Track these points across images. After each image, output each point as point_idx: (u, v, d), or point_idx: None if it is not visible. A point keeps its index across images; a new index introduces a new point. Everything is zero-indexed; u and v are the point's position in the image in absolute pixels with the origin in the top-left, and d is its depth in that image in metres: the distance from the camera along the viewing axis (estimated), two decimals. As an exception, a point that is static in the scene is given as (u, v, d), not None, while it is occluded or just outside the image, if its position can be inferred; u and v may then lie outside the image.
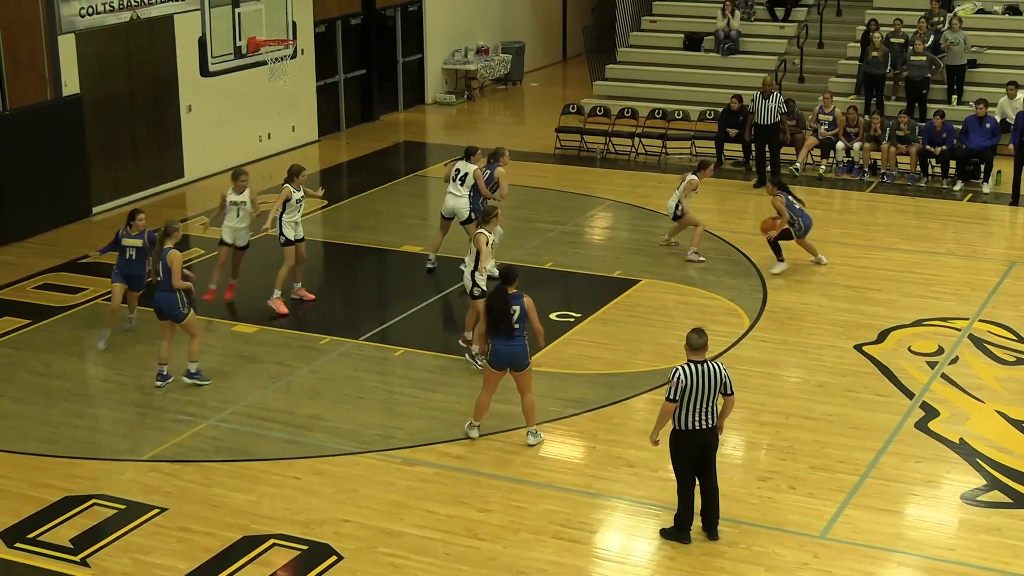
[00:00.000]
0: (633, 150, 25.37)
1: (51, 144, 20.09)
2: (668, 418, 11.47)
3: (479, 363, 14.60)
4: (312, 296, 17.53)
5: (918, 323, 16.79)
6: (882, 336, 16.34)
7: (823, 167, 23.79)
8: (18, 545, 11.77)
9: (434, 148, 27.00)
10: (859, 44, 26.95)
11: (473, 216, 17.40)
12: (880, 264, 19.03)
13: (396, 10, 29.50)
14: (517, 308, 13.20)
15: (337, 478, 12.91)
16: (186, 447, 13.63)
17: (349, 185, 24.22)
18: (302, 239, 17.32)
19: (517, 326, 13.19)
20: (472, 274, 15.06)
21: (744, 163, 24.15)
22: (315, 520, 12.10)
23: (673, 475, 11.75)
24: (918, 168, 23.18)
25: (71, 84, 21.16)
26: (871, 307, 17.32)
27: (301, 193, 17.15)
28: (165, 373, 15.08)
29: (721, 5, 29.15)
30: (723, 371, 11.46)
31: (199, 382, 15.03)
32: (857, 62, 26.84)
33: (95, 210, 21.77)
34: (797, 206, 18.56)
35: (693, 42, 29.48)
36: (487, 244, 15.00)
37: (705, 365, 11.38)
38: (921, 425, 13.93)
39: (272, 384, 15.13)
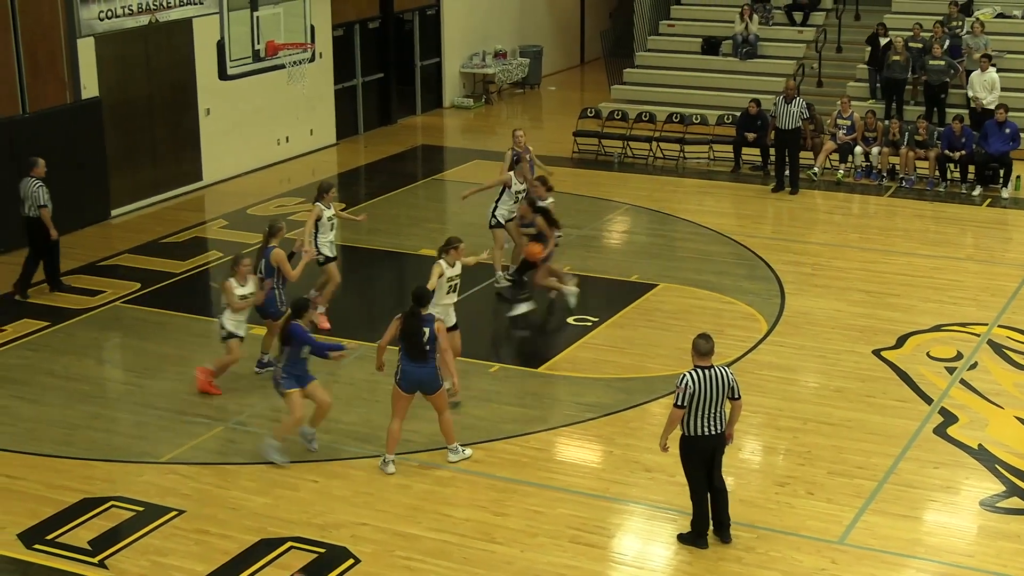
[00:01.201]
0: (651, 154, 25.34)
1: (70, 147, 20.15)
2: (676, 424, 11.46)
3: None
4: (327, 325, 16.83)
5: (937, 328, 16.74)
6: (900, 341, 16.29)
7: (841, 171, 23.74)
8: (37, 546, 11.81)
9: (452, 152, 27.02)
10: (871, 48, 26.85)
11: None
12: (899, 269, 18.98)
13: (414, 14, 29.53)
14: (427, 330, 12.81)
15: (354, 481, 12.91)
16: (204, 449, 13.65)
17: (367, 189, 24.25)
18: (334, 258, 16.98)
19: (428, 348, 12.83)
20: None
21: (762, 167, 24.11)
22: (332, 523, 12.11)
23: (684, 480, 11.74)
24: (937, 173, 23.12)
25: (90, 87, 21.23)
26: (889, 312, 17.27)
27: (332, 211, 16.67)
28: (266, 361, 15.33)
29: (739, 9, 29.11)
30: (730, 376, 11.44)
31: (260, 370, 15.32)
32: (868, 66, 26.77)
33: (114, 213, 21.84)
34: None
35: (711, 46, 29.44)
36: (439, 276, 14.13)
37: (712, 371, 11.36)
38: (940, 431, 13.89)
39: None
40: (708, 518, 11.66)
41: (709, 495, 11.64)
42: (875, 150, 23.60)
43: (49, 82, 20.58)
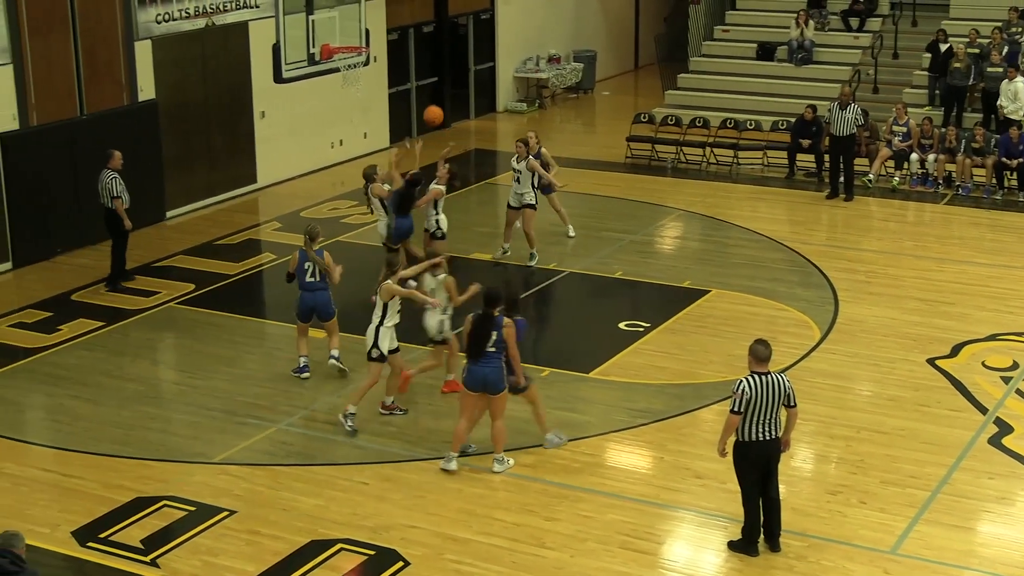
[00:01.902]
0: (704, 160, 25.26)
1: (127, 149, 20.23)
2: (733, 430, 11.41)
3: (348, 425, 13.87)
4: None
5: (992, 337, 16.59)
6: (955, 350, 16.15)
7: (897, 179, 23.57)
8: (90, 544, 11.92)
9: (505, 156, 26.95)
10: (931, 55, 26.67)
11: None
12: (954, 277, 18.82)
13: (468, 18, 29.58)
14: (495, 333, 12.75)
15: (405, 484, 12.94)
16: (256, 450, 13.73)
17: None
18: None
19: (493, 349, 12.78)
20: (377, 329, 13.89)
21: (817, 174, 23.98)
22: (383, 525, 12.14)
23: (735, 488, 11.69)
24: (993, 180, 22.91)
25: (147, 89, 21.41)
26: (944, 321, 17.13)
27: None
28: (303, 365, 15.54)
29: (795, 15, 28.99)
30: (787, 383, 11.39)
31: (341, 365, 15.44)
32: (927, 72, 26.58)
33: (169, 214, 22.01)
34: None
35: (766, 52, 29.32)
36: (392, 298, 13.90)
37: (769, 377, 11.31)
38: (994, 441, 13.75)
39: (342, 389, 15.19)
40: (759, 526, 11.61)
41: (763, 505, 11.59)
42: (931, 157, 23.42)
43: (107, 84, 20.77)
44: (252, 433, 14.11)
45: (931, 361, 15.81)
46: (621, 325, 17.02)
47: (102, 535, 12.05)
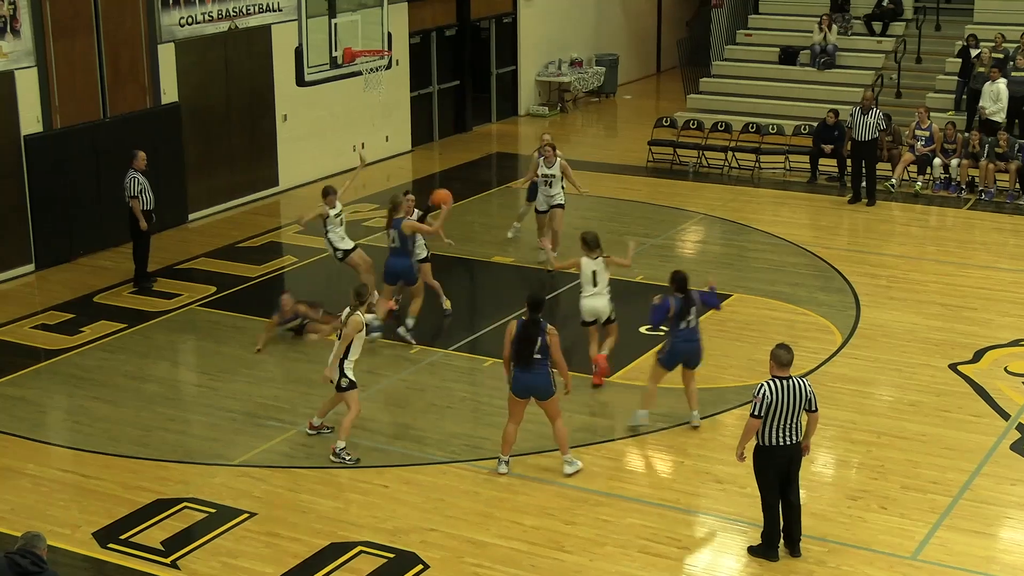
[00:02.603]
0: (726, 164, 25.22)
1: (149, 151, 20.33)
2: (753, 434, 11.38)
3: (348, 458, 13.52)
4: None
5: (1015, 343, 16.52)
6: (978, 356, 16.09)
7: (919, 183, 23.49)
8: (111, 545, 11.96)
9: (526, 160, 26.94)
10: (959, 59, 26.58)
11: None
12: (977, 283, 18.75)
13: (491, 22, 29.60)
14: (540, 339, 12.72)
15: (425, 487, 12.95)
16: (276, 453, 13.75)
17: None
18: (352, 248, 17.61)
19: (538, 356, 12.73)
20: (342, 363, 13.52)
21: (839, 178, 23.92)
22: (402, 528, 12.15)
23: (755, 492, 11.65)
24: (1017, 185, 22.80)
25: (170, 92, 21.48)
26: (967, 326, 17.06)
27: (338, 208, 17.48)
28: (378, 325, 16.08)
29: (818, 19, 28.92)
30: (808, 387, 11.36)
31: (411, 340, 16.33)
32: (956, 77, 26.50)
33: (191, 217, 22.07)
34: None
35: (789, 56, 29.26)
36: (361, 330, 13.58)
37: (790, 381, 11.28)
38: (1017, 447, 13.69)
39: (361, 392, 15.15)
40: (779, 531, 11.58)
41: (783, 510, 11.55)
42: (954, 162, 23.33)
43: (130, 87, 20.85)
44: (272, 435, 14.14)
45: (953, 366, 15.75)
46: (642, 329, 16.98)
47: (123, 536, 12.09)
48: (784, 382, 11.27)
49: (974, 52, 26.00)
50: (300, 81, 19.51)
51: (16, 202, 19.31)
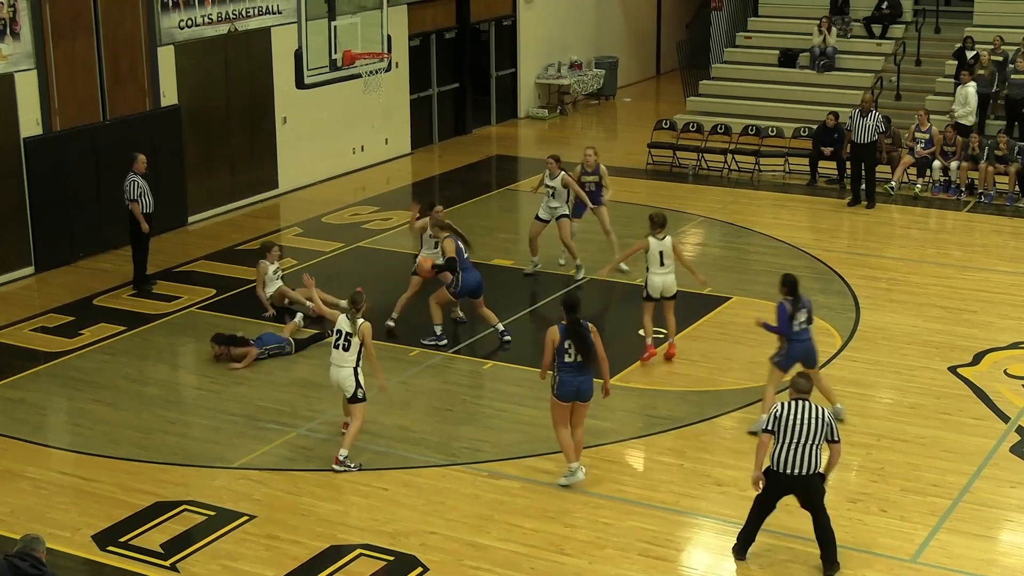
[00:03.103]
0: (726, 167, 25.23)
1: (149, 154, 20.33)
2: (765, 450, 11.23)
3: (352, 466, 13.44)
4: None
5: (1015, 346, 16.52)
6: (977, 358, 16.09)
7: (919, 186, 23.50)
8: (110, 548, 11.95)
9: (526, 162, 27.03)
10: (958, 63, 26.60)
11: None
12: (976, 285, 18.75)
13: (490, 24, 29.60)
14: (587, 339, 12.71)
15: (424, 490, 12.95)
16: (276, 455, 13.75)
17: (441, 198, 24.29)
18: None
19: (582, 359, 12.67)
20: (355, 372, 13.41)
21: (838, 181, 23.92)
22: (402, 531, 12.15)
23: (755, 495, 11.63)
24: (1017, 188, 22.81)
25: (169, 95, 21.48)
26: (966, 328, 17.06)
27: (276, 265, 17.57)
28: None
29: (817, 22, 28.92)
30: (826, 415, 11.20)
31: (509, 339, 16.59)
32: (954, 80, 26.50)
33: (191, 219, 22.08)
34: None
35: (788, 58, 29.27)
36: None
37: (806, 404, 11.18)
38: (1017, 450, 13.69)
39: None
40: (754, 534, 11.52)
41: (817, 534, 11.39)
42: (953, 165, 23.33)
43: (129, 89, 20.85)
44: (272, 438, 14.14)
45: (953, 369, 15.75)
46: (641, 332, 16.99)
47: (122, 539, 12.08)
48: (799, 403, 11.17)
49: (969, 54, 26.01)
50: (300, 83, 19.50)
51: (16, 204, 19.31)
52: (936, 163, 23.45)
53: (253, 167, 23.36)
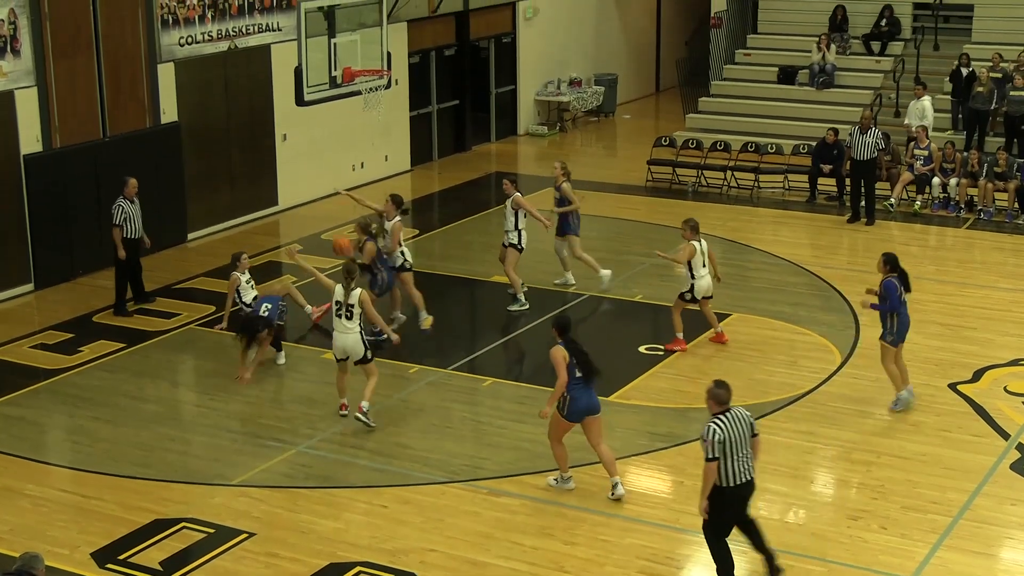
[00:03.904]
0: (725, 183, 25.25)
1: (149, 171, 20.41)
2: (712, 478, 11.00)
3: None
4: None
5: (1015, 362, 16.51)
6: (977, 375, 16.08)
7: (918, 203, 23.51)
8: (109, 566, 11.92)
9: (526, 179, 26.99)
10: (950, 78, 26.65)
11: None
12: (976, 302, 18.75)
13: (490, 41, 29.66)
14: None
15: (424, 507, 12.93)
16: (275, 473, 13.73)
17: (440, 215, 24.35)
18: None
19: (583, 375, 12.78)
20: (361, 335, 14.62)
21: (838, 198, 23.94)
22: (401, 549, 12.13)
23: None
24: (1016, 205, 22.82)
25: (169, 112, 21.51)
26: (966, 346, 17.06)
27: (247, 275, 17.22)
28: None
29: (816, 39, 28.98)
30: (746, 413, 11.20)
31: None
32: (950, 96, 26.56)
33: (190, 236, 22.08)
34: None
35: (787, 76, 29.33)
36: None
37: (734, 412, 11.11)
38: (1017, 467, 13.68)
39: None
40: (733, 563, 11.38)
41: (750, 535, 11.34)
42: (953, 181, 23.36)
43: (130, 107, 20.88)
44: (271, 455, 14.12)
45: (953, 386, 15.74)
46: (641, 348, 17.00)
47: (121, 557, 12.06)
48: (729, 415, 11.08)
49: (965, 71, 26.06)
50: (300, 101, 19.54)
51: (16, 221, 19.32)
52: (936, 180, 23.47)
53: (253, 184, 23.38)
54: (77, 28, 19.85)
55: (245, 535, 12.40)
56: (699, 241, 16.98)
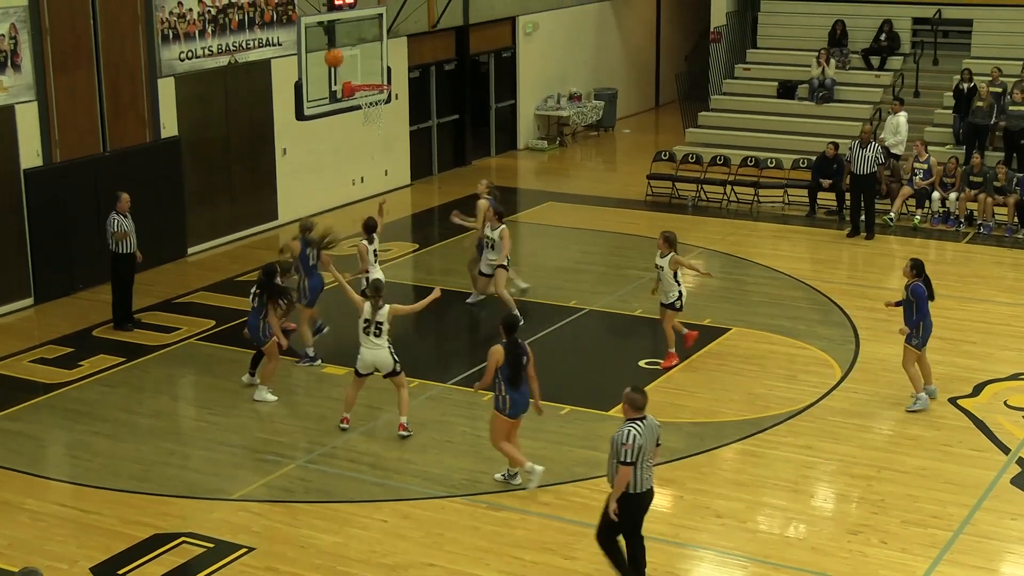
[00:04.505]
0: (725, 198, 25.27)
1: (149, 185, 20.43)
2: (627, 481, 11.09)
3: None
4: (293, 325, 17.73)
5: (1015, 377, 16.51)
6: (977, 389, 16.07)
7: (918, 217, 23.52)
8: (108, 581, 11.92)
9: (525, 194, 27.07)
10: (953, 95, 26.69)
11: None
12: (976, 316, 18.75)
13: (490, 56, 29.69)
14: (525, 357, 13.21)
15: (424, 522, 12.92)
16: (275, 487, 13.71)
17: (440, 229, 24.34)
18: None
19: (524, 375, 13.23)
20: (390, 350, 14.79)
21: (838, 212, 23.96)
22: (401, 563, 12.11)
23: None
24: (1015, 219, 22.83)
25: (169, 126, 21.53)
26: (966, 360, 17.05)
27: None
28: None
29: (816, 53, 29.02)
30: (657, 423, 11.27)
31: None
32: (952, 112, 26.58)
33: (190, 250, 22.09)
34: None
35: (787, 90, 29.37)
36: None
37: (648, 420, 11.14)
38: (1017, 481, 13.66)
39: (360, 426, 15.19)
40: (621, 551, 11.42)
41: (636, 550, 11.36)
42: (953, 196, 23.37)
43: (130, 121, 20.90)
44: (271, 470, 14.11)
45: (953, 400, 15.73)
46: (641, 363, 16.99)
47: (120, 571, 12.04)
48: (645, 422, 11.10)
49: (966, 87, 26.09)
50: (300, 115, 19.55)
51: (16, 235, 19.32)
52: (935, 194, 23.48)
53: (253, 198, 23.39)
54: (77, 42, 19.88)
55: (244, 550, 12.37)
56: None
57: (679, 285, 16.83)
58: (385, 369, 14.72)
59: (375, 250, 17.62)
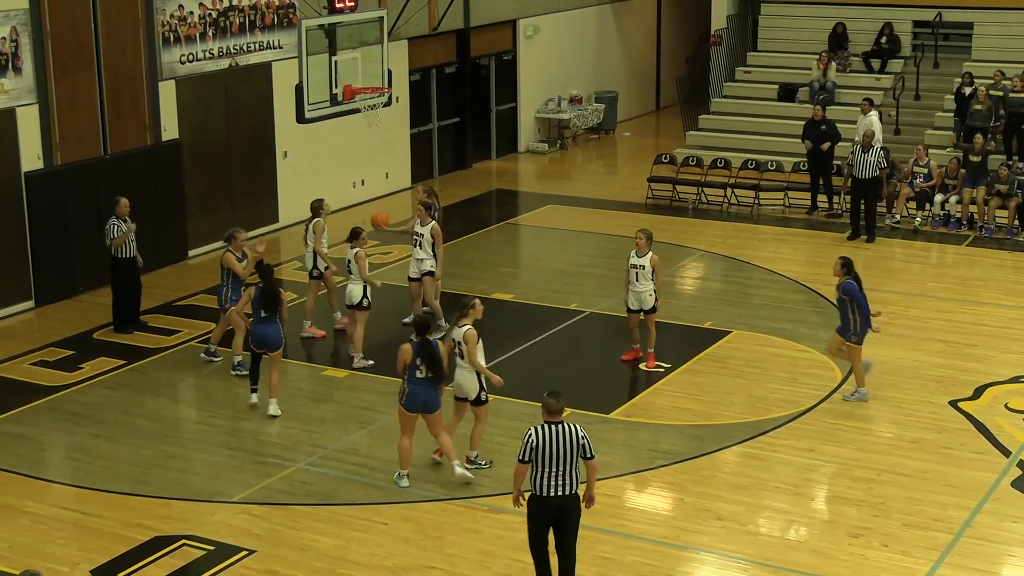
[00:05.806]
0: (726, 200, 25.27)
1: (150, 188, 20.43)
2: (521, 479, 11.13)
3: None
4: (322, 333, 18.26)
5: (1015, 379, 16.50)
6: (978, 392, 16.07)
7: (919, 219, 23.52)
8: (109, 584, 11.92)
9: (526, 196, 27.09)
10: (954, 98, 26.67)
11: None
12: (977, 319, 18.75)
13: (491, 59, 29.70)
14: (436, 355, 13.50)
15: (424, 525, 12.91)
16: (275, 490, 13.71)
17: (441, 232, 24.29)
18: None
19: (432, 374, 13.41)
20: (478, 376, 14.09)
21: (832, 211, 24.00)
22: (402, 566, 12.10)
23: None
24: (1016, 222, 22.83)
25: (170, 129, 21.53)
26: (967, 363, 17.05)
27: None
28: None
29: (817, 56, 29.03)
30: (580, 433, 10.99)
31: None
32: (953, 115, 26.58)
33: (191, 253, 22.09)
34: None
35: (788, 93, 29.36)
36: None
37: (560, 427, 10.94)
38: (1018, 484, 13.66)
39: (361, 429, 15.20)
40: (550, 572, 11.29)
41: (558, 559, 11.24)
42: (954, 199, 23.36)
43: (131, 124, 20.90)
44: (272, 472, 14.10)
45: (954, 403, 15.73)
46: (642, 366, 16.99)
47: (121, 574, 12.04)
48: (553, 427, 10.94)
49: (967, 90, 26.08)
50: (300, 118, 19.57)
51: (16, 239, 19.32)
52: (937, 197, 23.48)
53: (254, 201, 23.40)
54: (78, 46, 19.88)
55: (245, 552, 12.37)
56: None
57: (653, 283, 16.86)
58: (470, 395, 13.98)
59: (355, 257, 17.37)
